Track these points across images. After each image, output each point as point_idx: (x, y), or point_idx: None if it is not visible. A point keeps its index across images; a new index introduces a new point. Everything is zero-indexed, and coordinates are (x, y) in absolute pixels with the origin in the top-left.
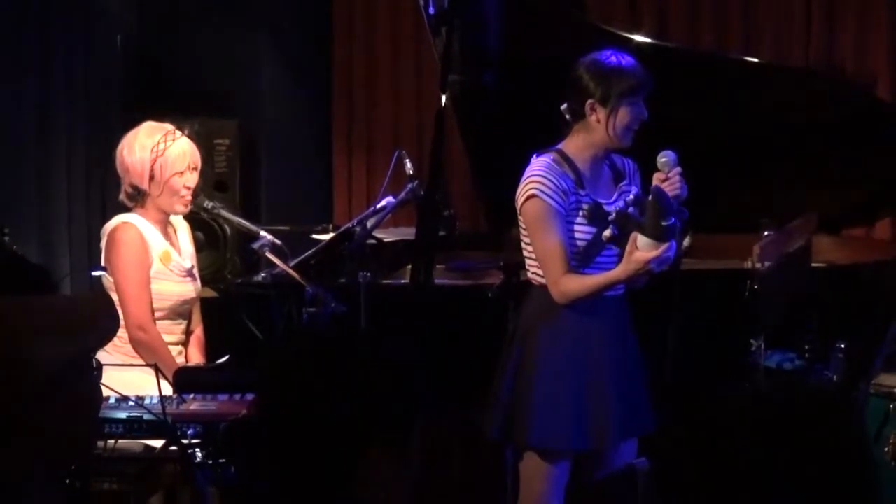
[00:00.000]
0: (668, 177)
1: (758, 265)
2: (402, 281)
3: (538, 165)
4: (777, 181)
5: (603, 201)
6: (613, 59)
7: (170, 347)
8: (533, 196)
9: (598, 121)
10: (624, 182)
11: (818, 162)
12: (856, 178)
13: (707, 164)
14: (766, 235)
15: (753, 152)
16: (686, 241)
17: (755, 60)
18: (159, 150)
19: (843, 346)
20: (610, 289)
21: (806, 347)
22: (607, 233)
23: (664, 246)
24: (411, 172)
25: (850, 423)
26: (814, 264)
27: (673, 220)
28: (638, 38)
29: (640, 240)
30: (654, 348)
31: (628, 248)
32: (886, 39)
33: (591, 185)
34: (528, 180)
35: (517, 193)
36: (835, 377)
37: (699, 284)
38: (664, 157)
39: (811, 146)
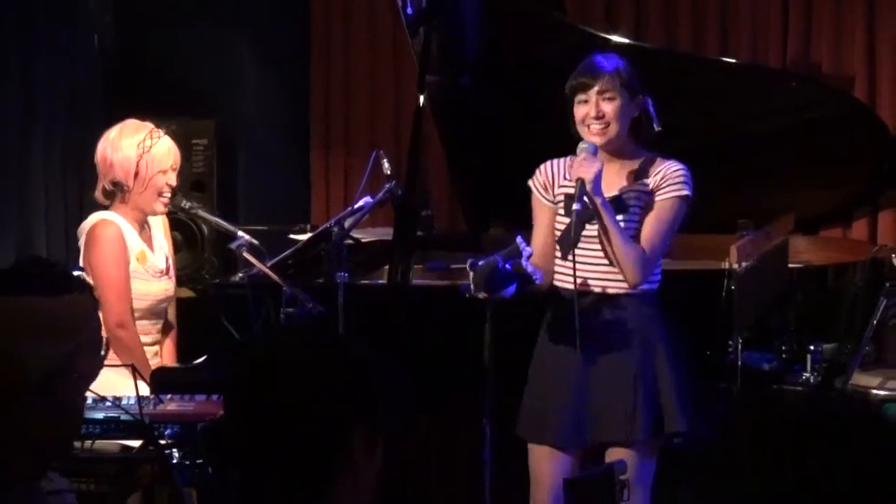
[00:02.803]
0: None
1: (735, 266)
2: (380, 281)
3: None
4: (754, 182)
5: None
6: (588, 57)
7: (147, 347)
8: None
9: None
10: (639, 182)
11: (795, 163)
12: (832, 179)
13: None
14: (744, 236)
15: (730, 153)
16: None
17: (732, 61)
18: (145, 146)
19: (819, 346)
20: None
21: (783, 348)
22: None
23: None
24: (389, 172)
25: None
26: (791, 265)
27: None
28: (616, 38)
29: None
30: None
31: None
32: (862, 41)
33: (605, 180)
34: None
35: None
36: (812, 378)
37: (676, 284)
38: (581, 145)
39: (788, 147)
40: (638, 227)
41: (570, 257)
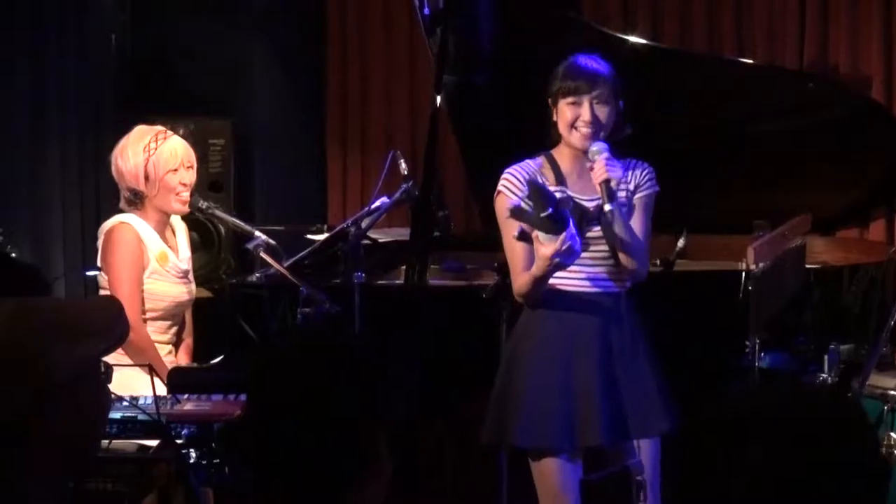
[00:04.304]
0: (594, 162)
1: (752, 266)
2: (397, 281)
3: (515, 164)
4: (771, 182)
5: (584, 198)
6: (577, 59)
7: (161, 346)
8: (499, 192)
9: (553, 117)
10: (622, 182)
11: (812, 163)
12: (850, 180)
13: (701, 166)
14: (760, 236)
15: (747, 154)
16: (680, 243)
17: (749, 62)
18: (151, 149)
19: (836, 347)
20: (541, 283)
21: (800, 348)
22: (514, 232)
23: (559, 238)
24: (406, 173)
25: (860, 425)
26: (808, 265)
27: (550, 209)
28: (633, 39)
29: (539, 235)
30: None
31: (535, 244)
32: (879, 40)
33: (575, 183)
34: (501, 177)
35: None
36: (828, 378)
37: (693, 285)
38: (594, 147)
39: (805, 147)
40: None
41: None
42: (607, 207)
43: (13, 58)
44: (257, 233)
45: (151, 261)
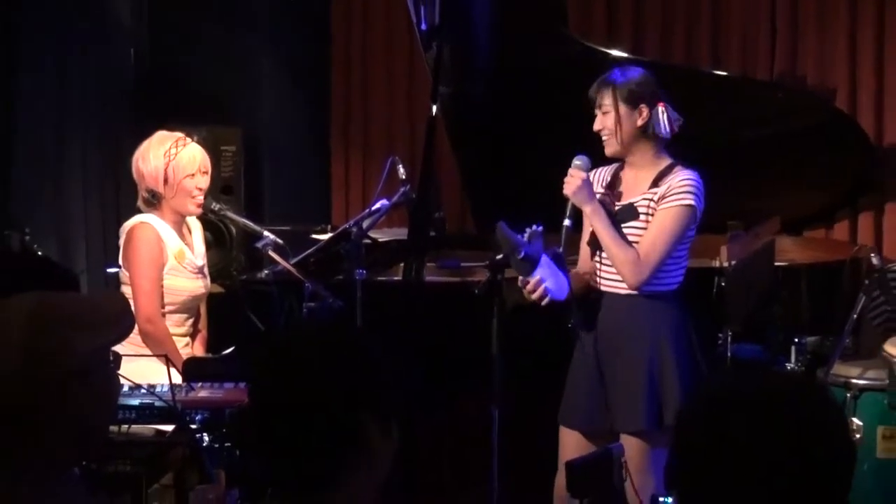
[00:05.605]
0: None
1: (725, 264)
2: (396, 278)
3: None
4: (743, 186)
5: (618, 202)
6: None
7: (178, 338)
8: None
9: None
10: (648, 192)
11: (781, 168)
12: (816, 184)
13: None
14: (733, 236)
15: (721, 159)
16: None
17: (724, 74)
18: (171, 154)
19: (803, 339)
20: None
21: (769, 340)
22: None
23: (526, 278)
24: (404, 177)
25: (829, 407)
26: (777, 263)
27: (524, 252)
28: (615, 52)
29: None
30: None
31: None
32: (844, 53)
33: (619, 188)
34: None
35: None
36: (795, 368)
37: None
38: (575, 160)
39: (775, 154)
40: None
41: (596, 258)
42: (565, 223)
43: (41, 70)
44: (266, 233)
45: (170, 258)
